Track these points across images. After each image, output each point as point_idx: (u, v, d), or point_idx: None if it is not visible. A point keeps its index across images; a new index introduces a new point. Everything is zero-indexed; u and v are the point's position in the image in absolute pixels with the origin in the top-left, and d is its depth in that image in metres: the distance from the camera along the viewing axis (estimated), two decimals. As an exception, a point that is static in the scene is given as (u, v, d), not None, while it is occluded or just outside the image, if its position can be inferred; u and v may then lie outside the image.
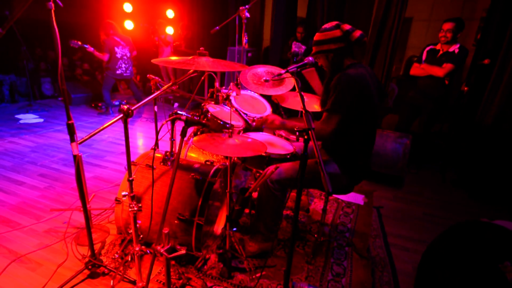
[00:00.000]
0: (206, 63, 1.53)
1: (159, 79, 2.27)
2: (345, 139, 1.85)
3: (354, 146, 1.89)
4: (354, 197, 3.07)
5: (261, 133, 2.49)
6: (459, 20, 3.25)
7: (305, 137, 1.32)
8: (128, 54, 5.29)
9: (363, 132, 1.87)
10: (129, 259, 1.98)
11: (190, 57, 1.59)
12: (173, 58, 1.62)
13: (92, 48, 4.79)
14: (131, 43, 5.36)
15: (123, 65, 5.24)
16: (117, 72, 5.20)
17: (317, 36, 1.85)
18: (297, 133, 1.34)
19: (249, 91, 2.76)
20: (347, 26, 1.77)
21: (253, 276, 1.95)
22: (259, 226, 2.11)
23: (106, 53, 5.00)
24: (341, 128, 1.74)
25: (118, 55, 5.13)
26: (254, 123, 2.54)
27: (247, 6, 2.60)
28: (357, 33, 1.75)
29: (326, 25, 1.82)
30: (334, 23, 1.81)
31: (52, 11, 1.45)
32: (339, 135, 1.77)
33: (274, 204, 2.02)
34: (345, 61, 1.83)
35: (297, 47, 4.71)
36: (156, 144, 2.30)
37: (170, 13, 6.42)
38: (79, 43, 4.58)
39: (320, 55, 1.86)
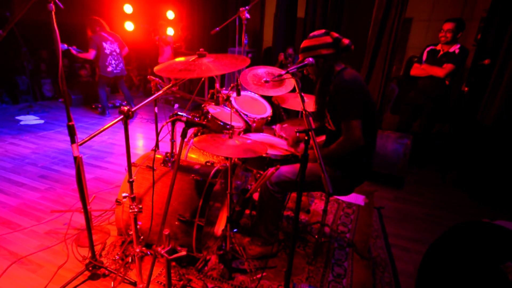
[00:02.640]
0: (208, 65, 1.48)
1: (160, 80, 2.27)
2: None
3: (356, 152, 1.87)
4: (355, 198, 3.06)
5: (261, 134, 2.49)
6: (459, 20, 3.24)
7: (306, 138, 1.32)
8: (118, 50, 5.06)
9: (366, 135, 1.85)
10: (130, 261, 1.98)
11: (192, 59, 1.55)
12: (176, 59, 1.59)
13: (76, 51, 4.58)
14: (120, 39, 5.15)
15: (113, 62, 5.01)
16: (108, 69, 4.98)
17: (305, 43, 1.82)
18: (297, 134, 1.34)
19: (249, 92, 2.76)
20: (335, 34, 1.79)
21: (254, 277, 1.94)
22: (260, 229, 2.11)
23: (92, 50, 4.76)
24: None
25: (107, 51, 4.91)
26: (254, 124, 2.54)
27: (247, 7, 2.60)
28: (346, 40, 1.77)
29: (315, 32, 1.82)
30: (322, 30, 1.82)
31: (53, 12, 1.45)
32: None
33: (275, 207, 2.02)
34: (335, 66, 1.81)
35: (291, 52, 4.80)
36: (157, 145, 2.30)
37: (170, 14, 6.44)
38: (65, 45, 4.35)
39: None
